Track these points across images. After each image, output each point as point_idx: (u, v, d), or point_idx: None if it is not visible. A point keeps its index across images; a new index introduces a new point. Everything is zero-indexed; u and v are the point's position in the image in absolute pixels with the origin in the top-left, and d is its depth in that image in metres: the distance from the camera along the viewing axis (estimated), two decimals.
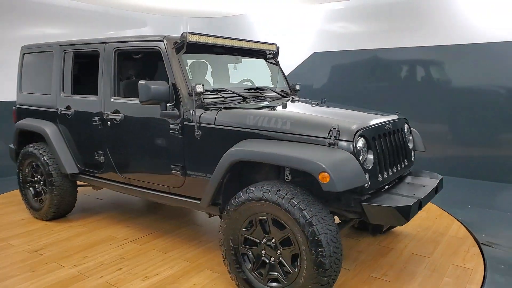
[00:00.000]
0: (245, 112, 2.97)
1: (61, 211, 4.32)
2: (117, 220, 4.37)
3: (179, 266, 3.31)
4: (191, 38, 3.23)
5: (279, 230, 2.56)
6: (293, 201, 2.45)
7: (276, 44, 4.24)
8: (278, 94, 3.94)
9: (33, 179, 4.41)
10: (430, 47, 6.23)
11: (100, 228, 4.13)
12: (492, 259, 3.37)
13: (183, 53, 3.24)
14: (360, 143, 2.63)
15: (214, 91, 3.34)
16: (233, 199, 2.72)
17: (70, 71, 4.05)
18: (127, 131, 3.56)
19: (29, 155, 4.33)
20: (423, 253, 3.52)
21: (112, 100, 3.65)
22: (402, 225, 2.61)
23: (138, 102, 3.38)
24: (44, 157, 4.17)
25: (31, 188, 4.46)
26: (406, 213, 2.50)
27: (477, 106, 5.92)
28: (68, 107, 4.03)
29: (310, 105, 3.32)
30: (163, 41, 3.26)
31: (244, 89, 3.67)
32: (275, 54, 4.27)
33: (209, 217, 3.48)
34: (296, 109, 3.20)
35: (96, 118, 3.75)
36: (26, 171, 4.45)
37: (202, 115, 3.08)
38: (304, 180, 2.80)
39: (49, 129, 4.15)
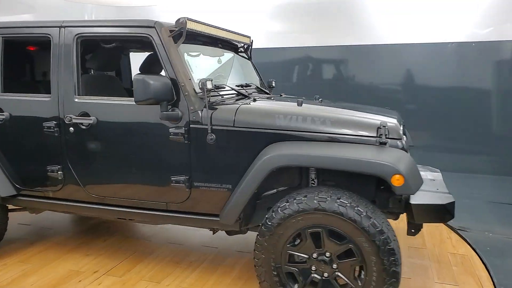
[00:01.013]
0: (273, 111, 2.61)
1: None
2: (68, 248, 3.52)
3: None
4: (191, 26, 2.71)
5: (337, 242, 2.30)
6: (359, 209, 2.21)
7: (250, 37, 3.89)
8: (263, 91, 3.62)
9: None
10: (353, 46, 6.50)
11: (51, 262, 3.27)
12: (476, 243, 3.61)
13: (182, 43, 2.71)
14: (404, 140, 2.52)
15: (216, 88, 2.87)
16: (275, 212, 2.36)
17: None
18: (101, 139, 2.85)
19: None
20: (417, 244, 3.61)
21: (76, 100, 2.88)
22: (447, 221, 2.58)
23: (118, 102, 2.76)
24: None
25: None
26: (453, 209, 2.48)
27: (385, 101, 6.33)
28: None
29: (318, 102, 3.10)
30: (154, 27, 2.67)
31: (236, 85, 3.27)
32: (248, 48, 3.92)
33: (213, 233, 3.02)
34: (318, 107, 2.92)
35: (50, 124, 2.93)
36: None
37: (213, 116, 2.62)
38: (337, 183, 2.59)
39: None
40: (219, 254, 3.42)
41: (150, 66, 3.67)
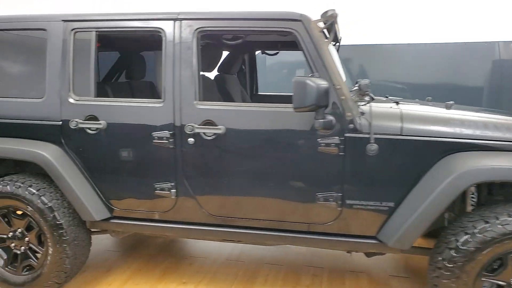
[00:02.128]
0: (449, 118, 2.29)
1: (72, 276, 2.81)
2: (157, 277, 3.06)
3: None
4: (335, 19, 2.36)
5: None
6: None
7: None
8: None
9: (4, 236, 2.76)
10: None
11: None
12: None
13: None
14: None
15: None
16: (474, 235, 2.03)
17: (92, 60, 2.60)
18: (230, 151, 2.43)
19: (1, 198, 2.67)
20: None
21: (198, 106, 2.45)
22: None
23: (255, 109, 2.37)
24: (43, 198, 2.62)
25: None
26: None
27: None
28: (91, 118, 2.59)
29: (445, 106, 2.79)
30: (301, 21, 2.29)
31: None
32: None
33: (350, 255, 2.67)
34: (465, 112, 2.61)
35: (162, 134, 2.48)
36: None
37: (374, 123, 2.27)
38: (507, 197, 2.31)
39: (51, 154, 2.61)
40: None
41: (228, 66, 3.30)
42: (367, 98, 2.39)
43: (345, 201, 2.34)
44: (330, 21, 2.31)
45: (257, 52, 4.09)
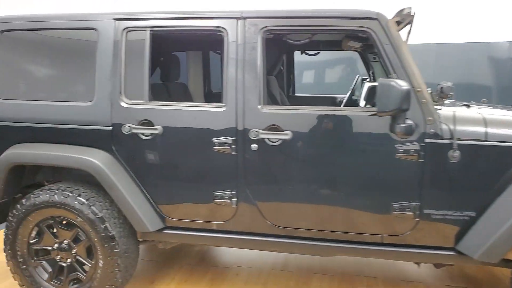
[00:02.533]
0: None
1: None
2: None
3: None
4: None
5: None
6: None
7: None
8: None
9: (49, 248, 2.61)
10: None
11: None
12: None
13: None
14: None
15: None
16: None
17: (147, 61, 2.45)
18: (297, 158, 2.29)
19: (48, 207, 2.51)
20: None
21: (263, 110, 2.30)
22: None
23: (316, 112, 2.24)
24: (93, 208, 2.46)
25: (43, 264, 2.64)
26: None
27: None
28: (145, 123, 2.43)
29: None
30: (377, 19, 2.16)
31: None
32: None
33: (418, 267, 2.55)
34: None
35: (224, 140, 2.34)
36: (32, 235, 2.60)
37: (457, 128, 2.14)
38: None
39: (102, 161, 2.45)
40: None
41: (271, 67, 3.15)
42: (448, 102, 2.26)
43: (422, 211, 2.20)
44: (406, 20, 2.18)
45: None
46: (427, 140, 2.14)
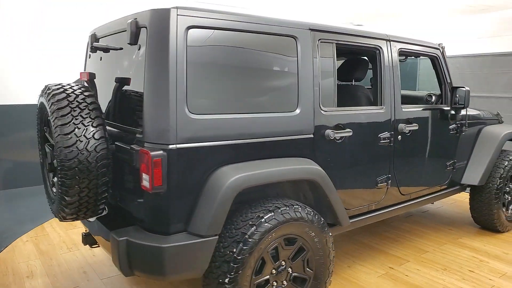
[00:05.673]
0: None
1: None
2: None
3: None
4: None
5: None
6: None
7: None
8: None
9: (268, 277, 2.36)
10: None
11: None
12: None
13: None
14: None
15: None
16: None
17: (335, 70, 2.71)
18: (418, 144, 3.35)
19: (284, 225, 2.27)
20: None
21: (404, 110, 3.11)
22: None
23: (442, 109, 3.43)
24: (316, 217, 2.46)
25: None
26: None
27: None
28: (337, 127, 2.69)
29: None
30: (439, 49, 3.46)
31: None
32: None
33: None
34: None
35: (385, 135, 2.99)
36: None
37: None
38: None
39: (319, 168, 2.53)
40: None
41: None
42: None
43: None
44: (442, 48, 3.57)
45: None
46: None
